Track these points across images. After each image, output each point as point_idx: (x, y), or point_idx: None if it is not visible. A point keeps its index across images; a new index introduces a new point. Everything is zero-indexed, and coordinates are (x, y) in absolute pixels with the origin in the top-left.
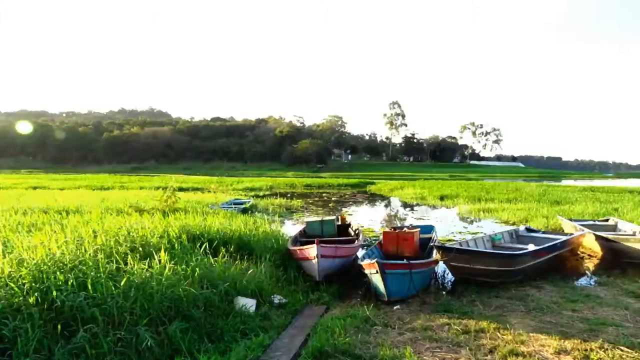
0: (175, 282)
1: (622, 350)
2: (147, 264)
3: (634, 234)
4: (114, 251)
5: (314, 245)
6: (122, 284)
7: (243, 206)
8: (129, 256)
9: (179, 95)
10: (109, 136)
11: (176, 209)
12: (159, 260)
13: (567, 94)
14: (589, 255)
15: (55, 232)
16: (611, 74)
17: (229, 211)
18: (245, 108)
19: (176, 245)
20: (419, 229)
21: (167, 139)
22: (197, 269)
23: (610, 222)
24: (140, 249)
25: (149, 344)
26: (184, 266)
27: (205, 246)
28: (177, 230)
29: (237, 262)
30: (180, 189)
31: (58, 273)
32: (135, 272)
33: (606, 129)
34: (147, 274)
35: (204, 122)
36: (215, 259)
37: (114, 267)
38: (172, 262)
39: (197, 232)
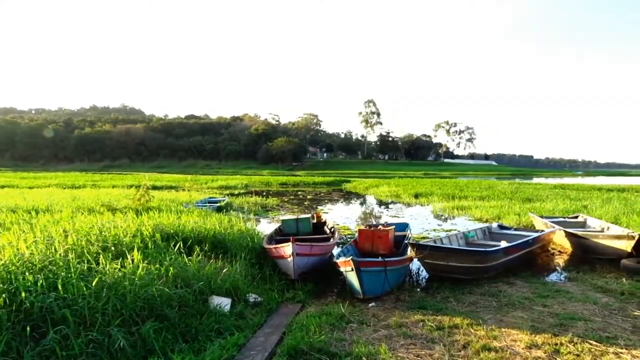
0: (149, 282)
1: (590, 344)
2: (119, 263)
3: (602, 231)
4: (85, 251)
5: (290, 244)
6: (93, 284)
7: (218, 205)
8: (101, 256)
9: (153, 92)
10: (80, 134)
11: (150, 207)
12: (132, 260)
13: (538, 94)
14: (559, 251)
15: (24, 231)
16: (581, 76)
17: (204, 210)
18: (220, 106)
19: (149, 244)
20: (393, 227)
21: (140, 137)
22: (171, 268)
23: (580, 219)
24: (113, 248)
25: (121, 344)
26: (157, 265)
27: (180, 245)
28: (150, 229)
29: (212, 261)
30: (154, 188)
31: (27, 274)
32: (108, 272)
33: (576, 129)
34: (120, 274)
35: (178, 120)
36: (190, 258)
37: (86, 267)
38: (146, 261)
39: (171, 231)
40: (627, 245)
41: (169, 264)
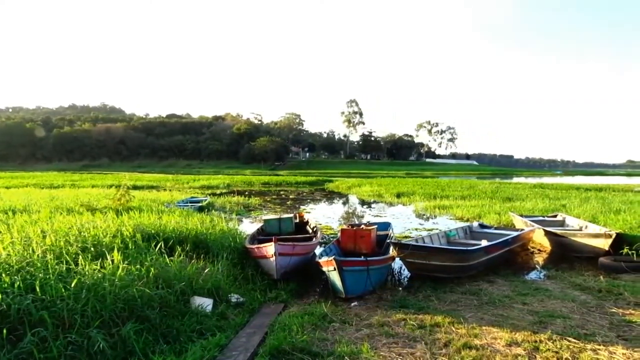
0: (129, 283)
1: (569, 341)
2: (99, 264)
3: (580, 229)
4: (64, 252)
5: (272, 244)
6: (72, 285)
7: (199, 204)
8: (80, 257)
9: (133, 91)
10: (59, 132)
11: (130, 207)
12: (112, 261)
13: (518, 95)
14: (538, 249)
15: (0, 232)
16: (559, 78)
17: (185, 210)
18: (202, 105)
19: (130, 244)
20: (376, 226)
21: (120, 136)
22: (152, 268)
23: (559, 218)
24: (92, 249)
25: (101, 346)
26: (138, 266)
27: (161, 245)
28: (131, 229)
29: (193, 261)
30: (135, 187)
31: (4, 275)
32: (87, 272)
33: (555, 129)
34: (100, 275)
35: (159, 119)
36: (171, 258)
37: (64, 268)
38: (126, 262)
39: (152, 231)
40: (604, 244)
41: (150, 265)
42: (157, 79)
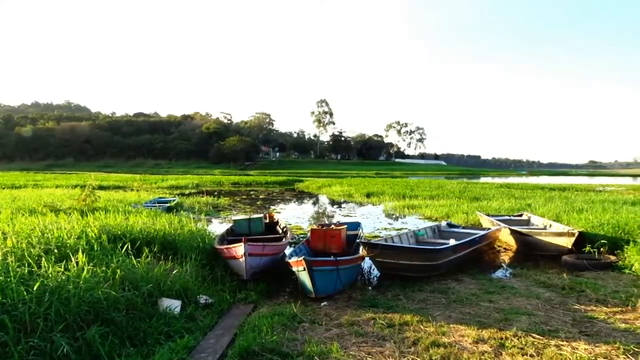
0: (94, 285)
1: (534, 338)
2: (63, 266)
3: (544, 228)
4: (26, 254)
5: (242, 244)
6: (35, 288)
7: (168, 205)
8: (43, 259)
9: (99, 89)
10: (21, 131)
11: (96, 208)
12: (77, 263)
13: (484, 97)
14: (504, 248)
15: None
16: (527, 82)
17: (153, 210)
18: (170, 104)
19: (95, 246)
20: (346, 226)
21: (86, 135)
22: (118, 270)
23: (524, 217)
24: (56, 250)
25: (65, 350)
26: (104, 268)
27: (128, 246)
28: (96, 230)
29: (161, 262)
30: (101, 188)
31: None
32: (50, 275)
33: (521, 131)
34: (63, 277)
35: (126, 118)
36: (138, 259)
37: (26, 271)
38: (91, 263)
39: (119, 232)
40: (567, 242)
41: (116, 266)
42: (123, 76)
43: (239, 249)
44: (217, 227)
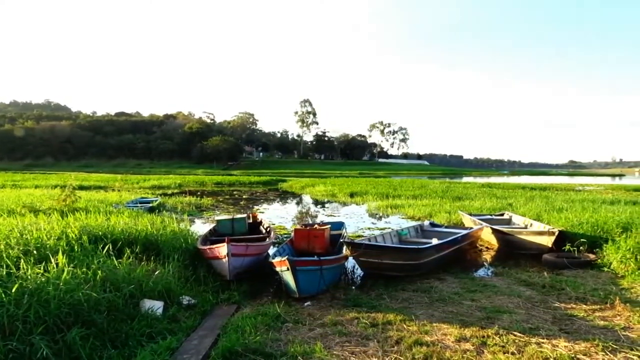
0: (75, 287)
1: (515, 336)
2: (42, 268)
3: (525, 227)
4: (4, 255)
5: (225, 244)
6: (13, 290)
7: (150, 205)
8: (22, 260)
9: (80, 87)
10: None
11: (76, 208)
12: (57, 264)
13: (467, 97)
14: (486, 247)
15: None
16: (508, 84)
17: (135, 210)
18: (153, 103)
19: (76, 247)
20: (329, 226)
21: (66, 135)
22: (99, 271)
23: (505, 216)
24: (35, 252)
25: (44, 353)
26: (84, 269)
27: (109, 247)
28: (77, 231)
29: (143, 263)
30: (81, 188)
31: None
32: (29, 277)
33: (502, 131)
34: (43, 279)
35: (107, 117)
36: (120, 260)
37: (5, 273)
38: (72, 265)
39: (100, 233)
40: (548, 241)
41: (97, 267)
42: (105, 76)
43: (222, 249)
44: (200, 227)
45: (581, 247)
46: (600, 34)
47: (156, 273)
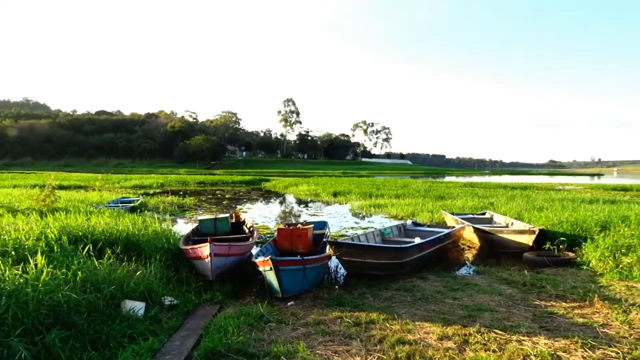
0: (54, 288)
1: (496, 333)
2: (21, 269)
3: (507, 226)
4: None
5: (207, 244)
6: None
7: (131, 205)
8: (0, 261)
9: (59, 86)
10: None
11: (56, 208)
12: (35, 265)
13: (449, 98)
14: (468, 246)
15: None
16: (489, 85)
17: (116, 210)
18: (134, 102)
19: (55, 247)
20: (312, 225)
21: (45, 133)
22: (80, 272)
23: (487, 215)
24: (13, 253)
25: (23, 355)
26: (64, 270)
27: (89, 248)
28: (56, 231)
29: (124, 263)
30: (61, 187)
31: None
32: (7, 278)
33: (484, 130)
34: (21, 280)
35: (87, 116)
36: (100, 261)
37: None
38: (51, 266)
39: (80, 233)
40: (528, 240)
41: (77, 268)
42: (85, 73)
43: (204, 249)
44: (183, 227)
45: (561, 246)
46: (580, 37)
47: (138, 273)
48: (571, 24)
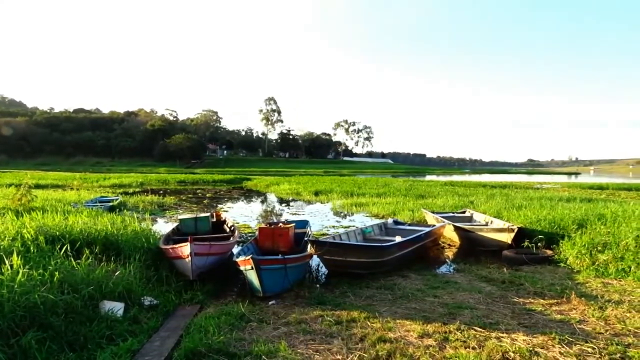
0: (30, 289)
1: (476, 331)
2: None
3: (486, 224)
4: None
5: (188, 244)
6: None
7: (110, 204)
8: None
9: (36, 83)
10: None
11: (32, 208)
12: (11, 266)
13: (430, 98)
14: (448, 244)
15: None
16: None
17: (94, 210)
18: (113, 100)
19: (32, 248)
20: (294, 224)
21: (21, 131)
22: (57, 272)
23: (467, 214)
24: None
25: None
26: (41, 270)
27: (67, 248)
28: (33, 231)
29: (103, 263)
30: (38, 187)
31: None
32: None
33: (464, 130)
34: None
35: (65, 114)
36: (78, 261)
37: None
38: (27, 266)
39: (57, 233)
40: (507, 238)
41: (54, 269)
42: (63, 70)
43: (185, 249)
44: (163, 226)
45: (539, 244)
46: (558, 38)
47: (117, 274)
48: (549, 25)
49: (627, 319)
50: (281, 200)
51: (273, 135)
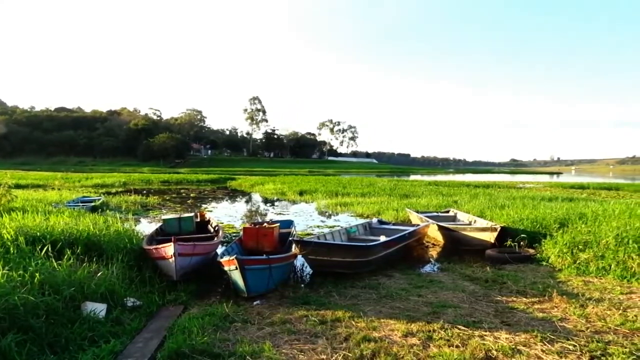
0: (10, 290)
1: (459, 329)
2: None
3: (470, 224)
4: None
5: (171, 244)
6: None
7: (92, 204)
8: None
9: (16, 81)
10: None
11: (12, 208)
12: None
13: (413, 98)
14: (433, 244)
15: None
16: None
17: (76, 210)
18: (95, 98)
19: (12, 248)
20: (278, 224)
21: (1, 130)
22: (37, 274)
23: (451, 213)
24: None
25: None
26: (21, 272)
27: (48, 248)
28: (12, 232)
29: (85, 264)
30: (18, 187)
31: None
32: None
33: (447, 130)
34: None
35: (46, 113)
36: (60, 262)
37: None
38: (7, 268)
39: (38, 234)
40: (490, 237)
41: (35, 270)
42: (44, 68)
43: (168, 249)
44: (146, 226)
45: (522, 243)
46: (541, 39)
47: (99, 274)
48: (532, 25)
49: (607, 316)
50: (266, 200)
51: (258, 135)
